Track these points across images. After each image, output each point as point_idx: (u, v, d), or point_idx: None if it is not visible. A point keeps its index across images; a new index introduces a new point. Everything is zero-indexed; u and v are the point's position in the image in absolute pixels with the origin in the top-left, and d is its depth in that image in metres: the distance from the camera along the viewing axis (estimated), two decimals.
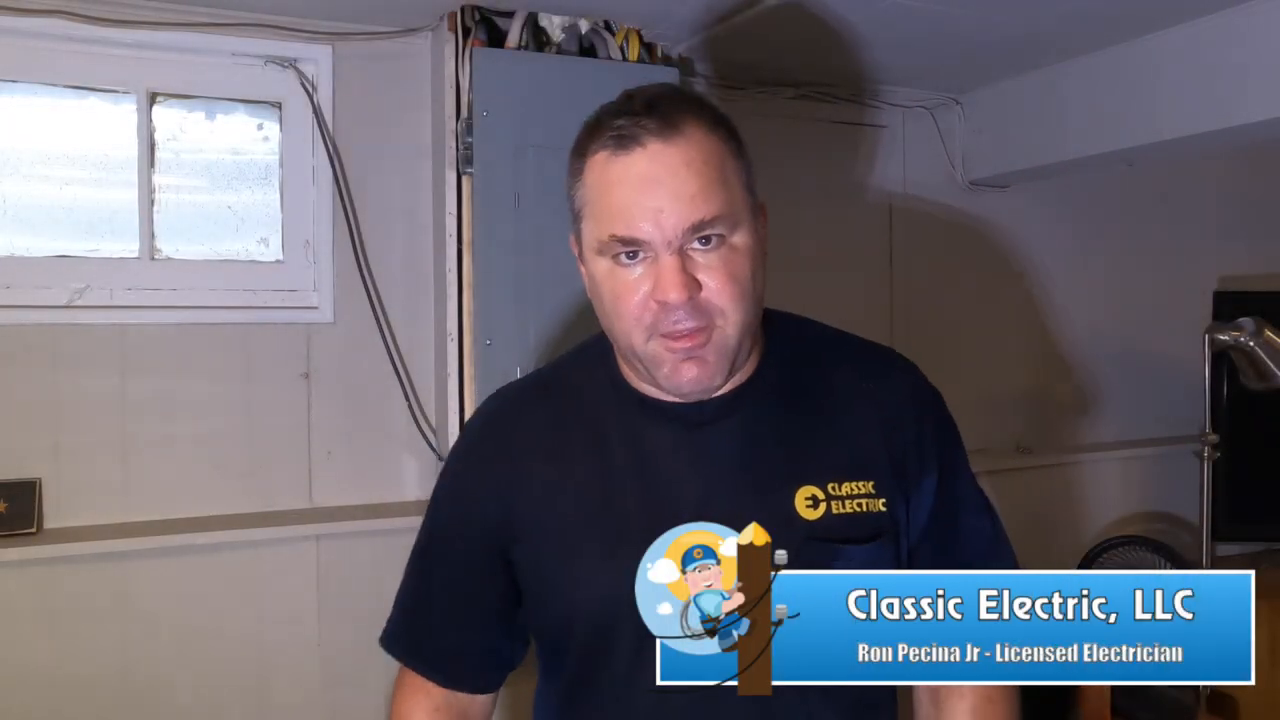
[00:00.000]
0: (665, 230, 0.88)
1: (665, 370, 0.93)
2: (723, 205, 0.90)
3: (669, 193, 0.88)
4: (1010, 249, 2.99)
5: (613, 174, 0.91)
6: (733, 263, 0.91)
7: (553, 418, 1.03)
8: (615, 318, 0.93)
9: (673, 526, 0.95)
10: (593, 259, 0.95)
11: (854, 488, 0.98)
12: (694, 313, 0.89)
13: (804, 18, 2.17)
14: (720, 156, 0.92)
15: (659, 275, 0.89)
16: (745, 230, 0.93)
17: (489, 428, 1.07)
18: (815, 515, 0.96)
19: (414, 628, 1.09)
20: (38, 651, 1.95)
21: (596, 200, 0.93)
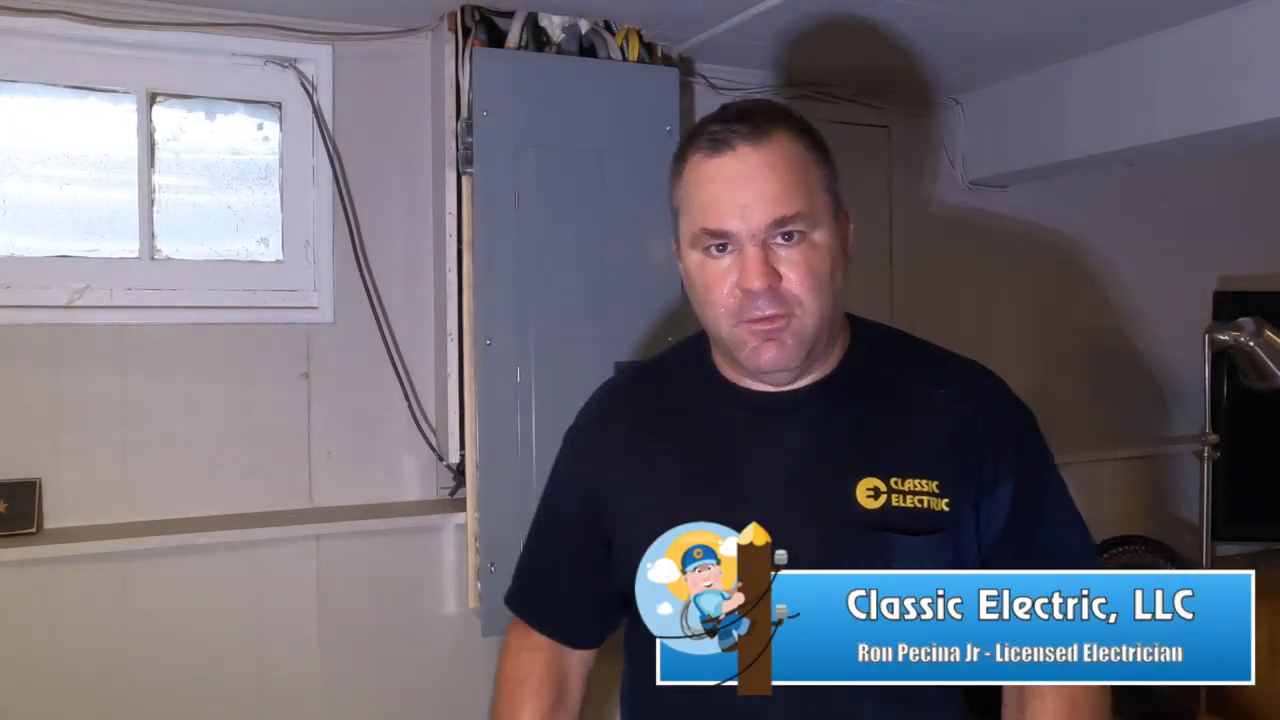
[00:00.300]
0: (750, 224, 0.97)
1: (746, 352, 1.01)
2: (803, 204, 0.98)
3: (754, 191, 0.97)
4: (1010, 249, 2.99)
5: (705, 174, 1.00)
6: (812, 258, 0.99)
7: (648, 402, 1.15)
8: (706, 305, 1.02)
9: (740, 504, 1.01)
10: (687, 252, 1.04)
11: (917, 484, 1.01)
12: (774, 301, 0.98)
13: (804, 18, 2.17)
14: (804, 161, 1.00)
15: (744, 265, 0.98)
16: (825, 230, 1.01)
17: (597, 409, 1.19)
18: (875, 505, 1.01)
19: (529, 586, 1.21)
20: (38, 651, 1.95)
21: (691, 198, 1.02)
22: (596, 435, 1.17)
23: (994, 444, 1.05)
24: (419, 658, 2.24)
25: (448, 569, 2.26)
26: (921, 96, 2.81)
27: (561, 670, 1.18)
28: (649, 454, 1.10)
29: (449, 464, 2.22)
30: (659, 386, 1.16)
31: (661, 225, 2.33)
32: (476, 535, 2.10)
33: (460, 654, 2.25)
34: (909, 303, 2.84)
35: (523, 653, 1.18)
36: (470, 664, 2.26)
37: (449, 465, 2.23)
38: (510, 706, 1.16)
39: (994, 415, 1.07)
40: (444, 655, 2.26)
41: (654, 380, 1.18)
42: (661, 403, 1.13)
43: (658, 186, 2.25)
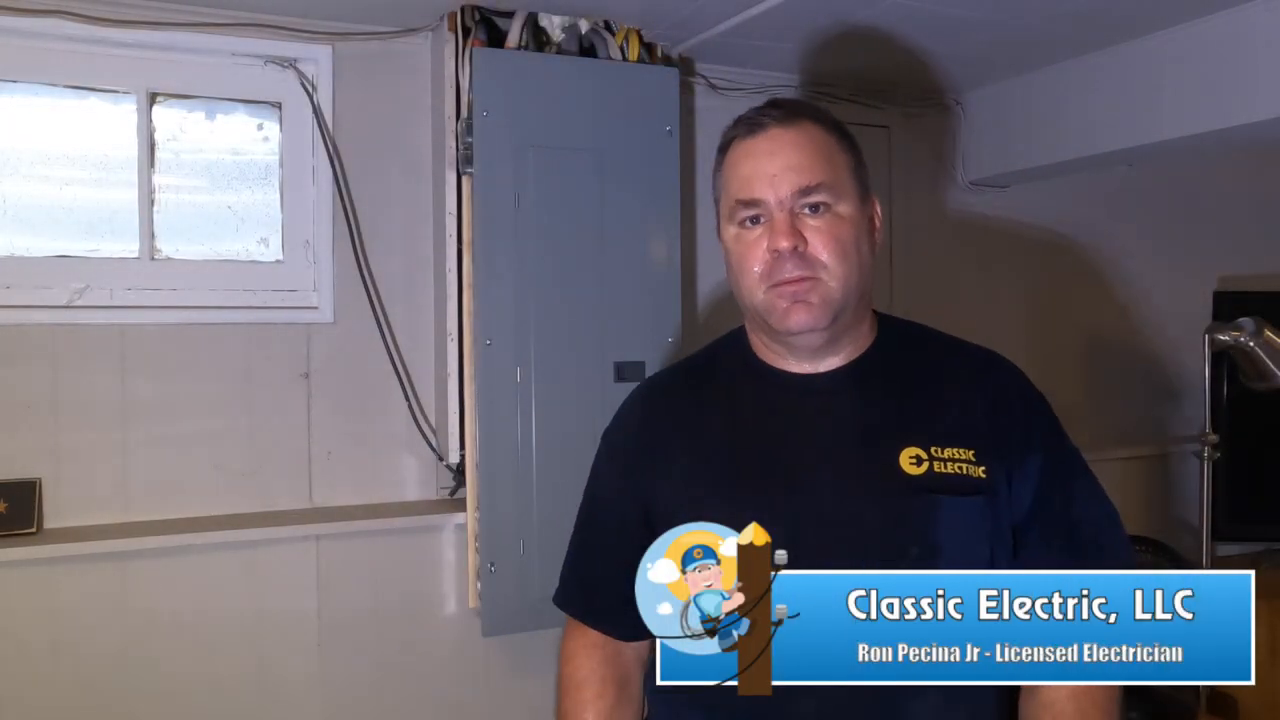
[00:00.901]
0: (779, 192, 1.06)
1: (777, 315, 1.07)
2: (826, 176, 1.07)
3: (782, 162, 1.07)
4: (1010, 249, 2.99)
5: (740, 153, 1.10)
6: (836, 227, 1.07)
7: (692, 389, 1.20)
8: (740, 273, 1.09)
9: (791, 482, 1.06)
10: (725, 229, 1.12)
11: (956, 453, 1.07)
12: (801, 263, 1.05)
13: (804, 18, 2.17)
14: (829, 144, 1.10)
15: (772, 229, 1.06)
16: (849, 205, 1.10)
17: (640, 402, 1.23)
18: (918, 471, 1.06)
19: (580, 584, 1.23)
20: (38, 651, 1.95)
21: (728, 178, 1.11)
22: (639, 430, 1.19)
23: (1022, 421, 1.12)
24: (419, 657, 2.24)
25: (448, 569, 2.26)
26: (921, 96, 2.81)
27: (621, 665, 1.20)
28: (695, 442, 1.13)
29: (449, 464, 2.22)
30: (699, 380, 1.21)
31: (661, 224, 2.34)
32: (476, 535, 2.10)
33: (460, 654, 2.25)
34: (909, 302, 2.84)
35: (580, 653, 1.20)
36: (470, 664, 2.26)
37: (449, 465, 2.23)
38: (575, 708, 1.18)
39: (1019, 394, 1.15)
40: (444, 655, 2.26)
41: (695, 373, 1.23)
42: (705, 393, 1.18)
43: (658, 186, 2.27)
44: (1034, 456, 1.10)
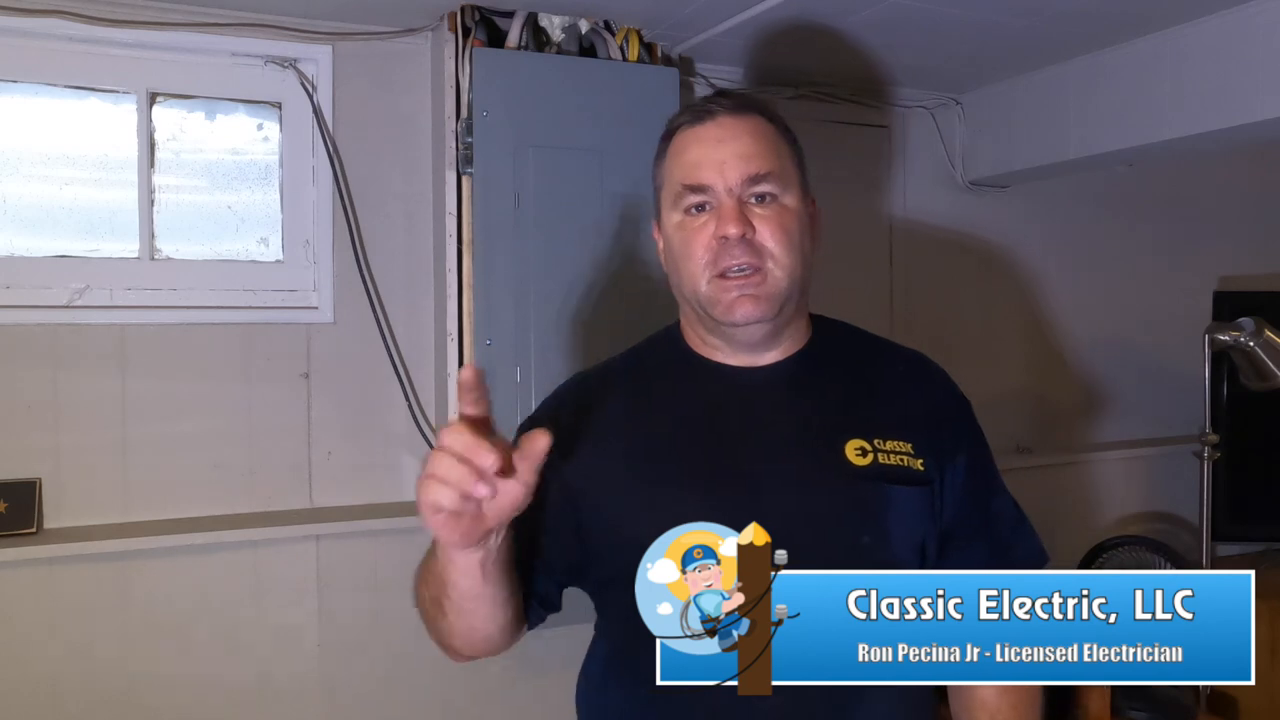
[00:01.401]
0: (727, 178, 1.06)
1: (721, 307, 1.06)
2: (775, 165, 1.07)
3: (732, 150, 1.06)
4: (1010, 249, 2.99)
5: (688, 140, 1.10)
6: (783, 216, 1.07)
7: (629, 384, 1.17)
8: (684, 261, 1.08)
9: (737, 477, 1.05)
10: (668, 216, 1.11)
11: (897, 445, 1.09)
12: (748, 251, 1.04)
13: (803, 18, 2.17)
14: (777, 137, 1.10)
15: (720, 215, 1.05)
16: (794, 197, 1.10)
17: (567, 393, 1.21)
18: (864, 462, 1.07)
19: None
20: (38, 651, 1.95)
21: (673, 165, 1.10)
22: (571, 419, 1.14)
23: (952, 418, 1.16)
24: (419, 658, 2.24)
25: None
26: (921, 96, 2.81)
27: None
28: (633, 438, 1.11)
29: None
30: (635, 374, 1.18)
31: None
32: None
33: None
34: (909, 302, 2.84)
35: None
36: (470, 664, 2.25)
37: None
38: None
39: (949, 396, 1.18)
40: (444, 655, 2.25)
41: (628, 369, 1.20)
42: (641, 388, 1.16)
43: None
44: (962, 455, 1.13)
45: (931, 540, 1.11)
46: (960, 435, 1.15)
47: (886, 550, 1.05)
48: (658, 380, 1.16)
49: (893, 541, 1.06)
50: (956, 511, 1.12)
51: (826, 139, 2.73)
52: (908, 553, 1.08)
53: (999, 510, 1.17)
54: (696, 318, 1.12)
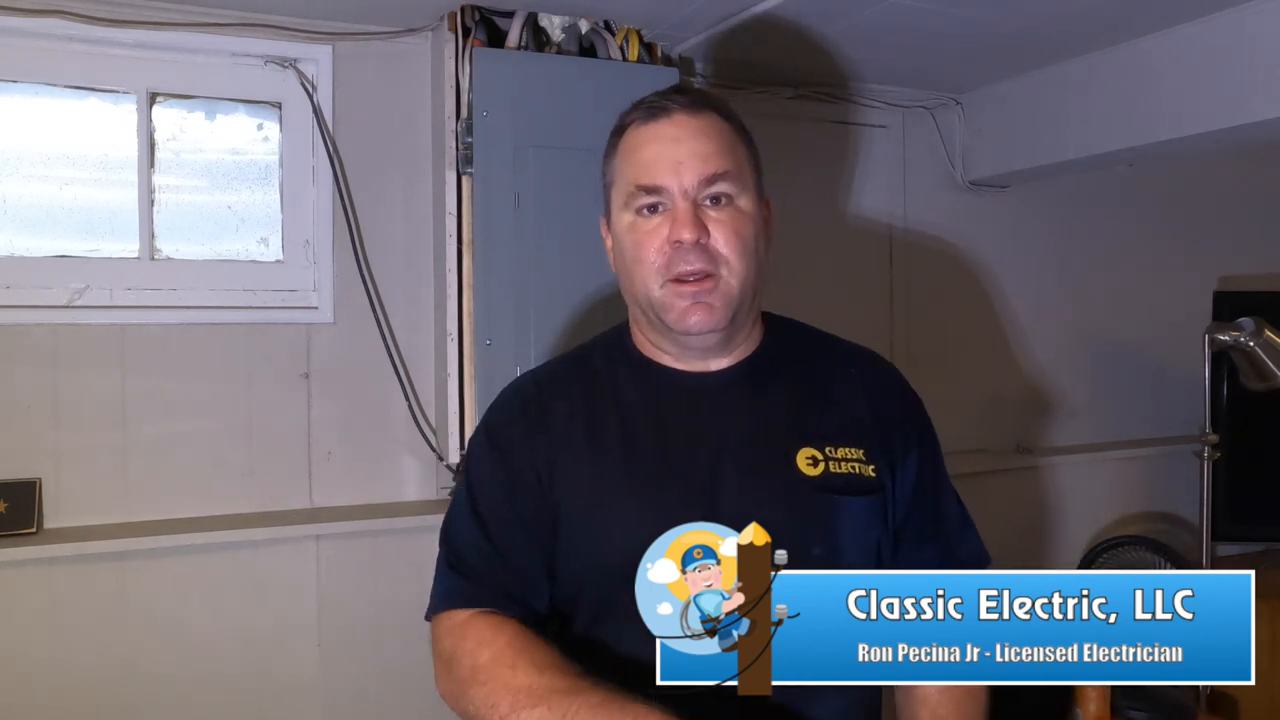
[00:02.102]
0: (683, 180, 1.03)
1: (674, 314, 1.04)
2: (732, 166, 1.05)
3: (688, 150, 1.03)
4: (1010, 249, 2.99)
5: (642, 138, 1.06)
6: (738, 221, 1.04)
7: (577, 387, 1.13)
8: (636, 264, 1.05)
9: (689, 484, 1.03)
10: (618, 216, 1.08)
11: (848, 453, 1.08)
12: (702, 256, 1.02)
13: (804, 18, 2.17)
14: (733, 137, 1.07)
15: (674, 218, 1.02)
16: (750, 199, 1.07)
17: (520, 395, 1.15)
18: (815, 473, 1.06)
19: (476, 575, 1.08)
20: (38, 651, 1.95)
21: (625, 163, 1.07)
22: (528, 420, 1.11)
23: (902, 420, 1.15)
24: (419, 658, 2.23)
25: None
26: (921, 96, 2.81)
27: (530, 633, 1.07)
28: (587, 445, 1.08)
29: (449, 464, 2.22)
30: (585, 377, 1.14)
31: None
32: None
33: None
34: (908, 303, 2.84)
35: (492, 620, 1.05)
36: None
37: (449, 465, 2.22)
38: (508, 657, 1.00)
39: (899, 395, 1.17)
40: None
41: (578, 372, 1.15)
42: (592, 392, 1.11)
43: None
44: (912, 455, 1.13)
45: (886, 543, 1.11)
46: (910, 436, 1.14)
47: (838, 562, 1.04)
48: (607, 386, 1.12)
49: (843, 553, 1.05)
50: (907, 513, 1.12)
51: (826, 139, 2.73)
52: (860, 563, 1.07)
53: (946, 510, 1.17)
54: (647, 322, 1.10)
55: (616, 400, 1.10)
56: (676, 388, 1.10)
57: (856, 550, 1.06)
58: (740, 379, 1.10)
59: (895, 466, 1.11)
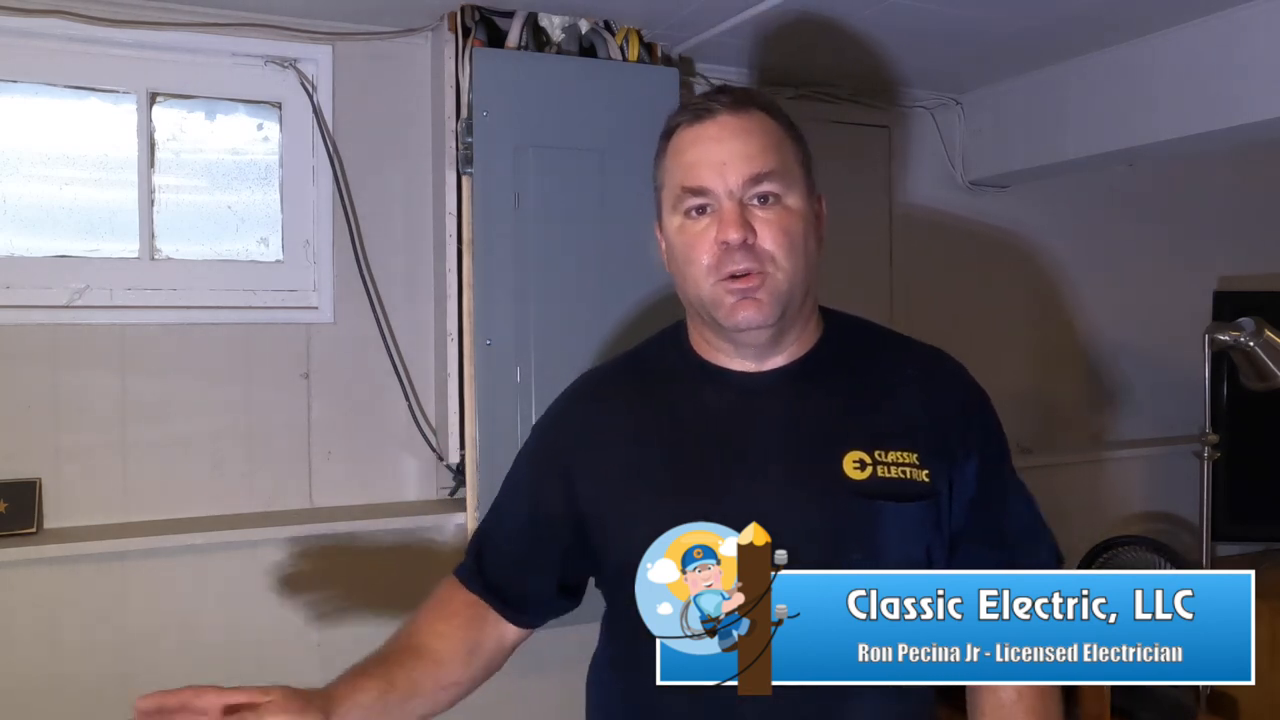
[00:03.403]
0: (728, 181, 1.03)
1: (724, 310, 1.04)
2: (777, 165, 1.04)
3: (732, 150, 1.03)
4: (1010, 249, 2.99)
5: (687, 140, 1.07)
6: (785, 219, 1.04)
7: (632, 386, 1.16)
8: (686, 264, 1.06)
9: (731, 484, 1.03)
10: (669, 219, 1.09)
11: (899, 456, 1.05)
12: (750, 256, 1.02)
13: (804, 18, 2.17)
14: (779, 134, 1.07)
15: (721, 219, 1.03)
16: (798, 196, 1.06)
17: (572, 398, 1.19)
18: (862, 476, 1.04)
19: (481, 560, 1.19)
20: (37, 651, 1.95)
21: (673, 165, 1.08)
22: (572, 427, 1.16)
23: (962, 422, 1.11)
24: None
25: (448, 569, 2.25)
26: (921, 96, 2.81)
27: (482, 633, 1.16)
28: (633, 442, 1.10)
29: (449, 464, 2.22)
30: (638, 376, 1.17)
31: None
32: None
33: None
34: (909, 302, 2.84)
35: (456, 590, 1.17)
36: None
37: (449, 465, 2.23)
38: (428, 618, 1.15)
39: (961, 395, 1.14)
40: None
41: (632, 370, 1.19)
42: (643, 390, 1.14)
43: None
44: (973, 459, 1.10)
45: (939, 549, 1.08)
46: (970, 440, 1.10)
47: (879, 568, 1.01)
48: (658, 385, 1.14)
49: (885, 558, 1.03)
50: (965, 518, 1.09)
51: (826, 139, 2.73)
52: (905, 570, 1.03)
53: (1011, 517, 1.13)
54: (702, 321, 1.10)
55: (667, 400, 1.12)
56: (727, 388, 1.10)
57: (900, 556, 1.04)
58: (791, 379, 1.10)
59: (953, 470, 1.08)
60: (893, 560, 1.03)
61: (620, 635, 1.13)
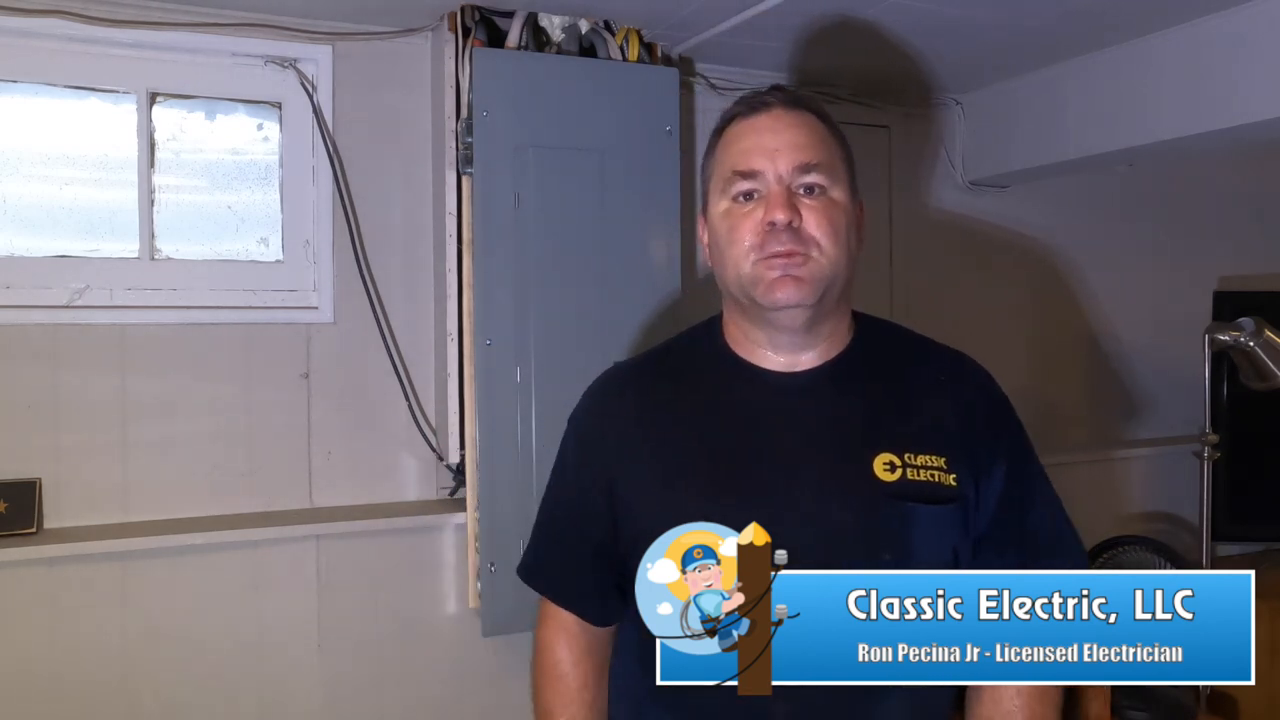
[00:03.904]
0: (778, 166, 1.06)
1: (763, 287, 1.05)
2: (825, 157, 1.08)
3: (784, 140, 1.07)
4: (1010, 249, 2.99)
5: (741, 130, 1.10)
6: (831, 210, 1.07)
7: (665, 380, 1.17)
8: (730, 246, 1.08)
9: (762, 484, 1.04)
10: (715, 204, 1.11)
11: (928, 460, 1.07)
12: (794, 238, 1.04)
13: (804, 18, 2.17)
14: (827, 134, 1.11)
15: (769, 202, 1.05)
16: (843, 192, 1.10)
17: (611, 390, 1.20)
18: (892, 478, 1.05)
19: (551, 566, 1.23)
20: (37, 651, 1.95)
21: (724, 154, 1.11)
22: (606, 420, 1.17)
23: (990, 428, 1.13)
24: (419, 658, 2.24)
25: (448, 569, 2.26)
26: (921, 96, 2.81)
27: (599, 653, 1.21)
28: (666, 437, 1.11)
29: (449, 464, 2.22)
30: (671, 370, 1.18)
31: (661, 225, 2.34)
32: (476, 535, 2.10)
33: (460, 654, 2.25)
34: (909, 302, 2.84)
35: (559, 642, 1.20)
36: (470, 664, 2.26)
37: (449, 465, 2.23)
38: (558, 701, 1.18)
39: (988, 401, 1.16)
40: (444, 655, 2.26)
41: (664, 364, 1.20)
42: (678, 384, 1.15)
43: (658, 186, 2.26)
44: (999, 466, 1.11)
45: (965, 552, 1.09)
46: (997, 445, 1.12)
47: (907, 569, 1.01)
48: (695, 378, 1.15)
49: (915, 560, 1.03)
50: (990, 522, 1.10)
51: None
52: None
53: (1036, 523, 1.14)
54: (739, 308, 1.12)
55: (699, 396, 1.13)
56: (759, 388, 1.11)
57: (929, 557, 1.04)
58: (823, 380, 1.11)
59: (980, 477, 1.09)
60: (921, 561, 1.04)
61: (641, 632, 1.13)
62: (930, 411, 1.10)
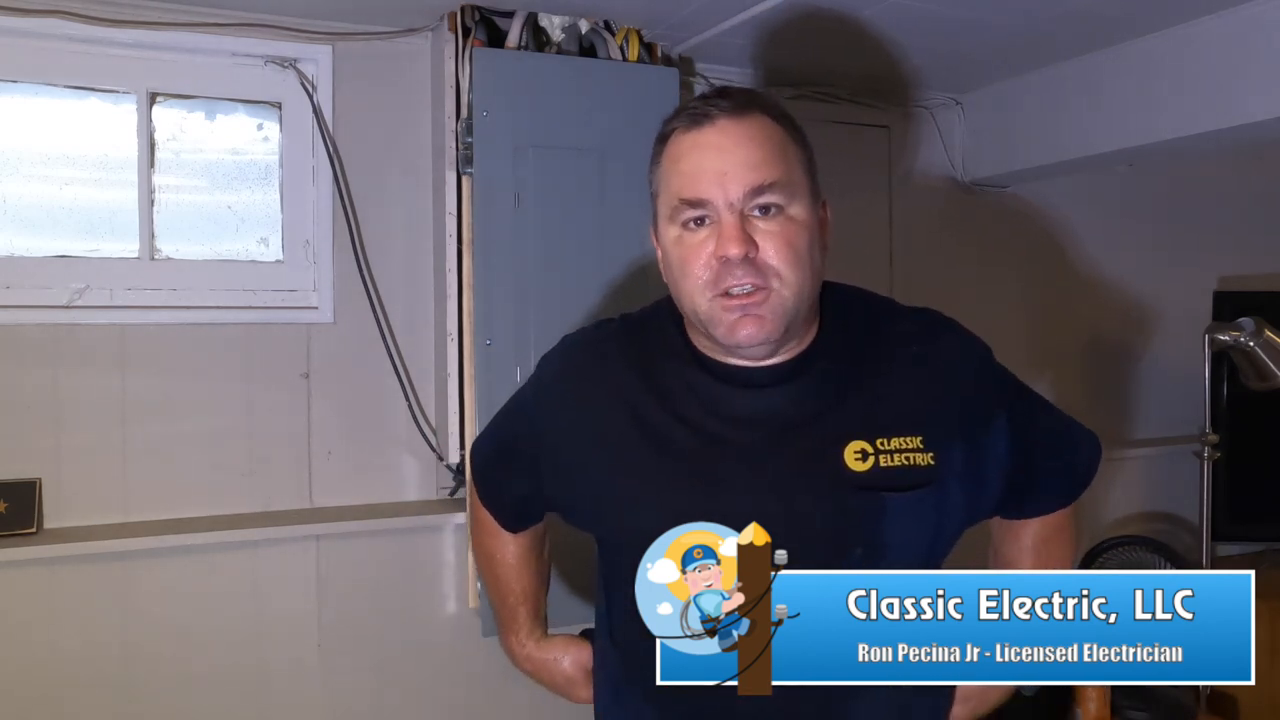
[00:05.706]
0: (728, 192, 0.98)
1: (723, 329, 0.99)
2: (781, 174, 0.99)
3: (733, 159, 0.98)
4: (1010, 249, 2.99)
5: (684, 146, 1.02)
6: (789, 231, 0.99)
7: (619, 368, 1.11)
8: (683, 279, 1.01)
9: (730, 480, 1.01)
10: (665, 229, 1.05)
11: (902, 442, 1.02)
12: (751, 271, 0.97)
13: (804, 18, 2.17)
14: (782, 138, 1.02)
15: (720, 233, 0.97)
16: (802, 205, 1.01)
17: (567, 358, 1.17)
18: (864, 468, 1.01)
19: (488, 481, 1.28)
20: (37, 651, 1.95)
21: (669, 172, 1.03)
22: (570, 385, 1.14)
23: (972, 388, 1.09)
24: (419, 658, 2.24)
25: (448, 569, 2.26)
26: (921, 96, 2.81)
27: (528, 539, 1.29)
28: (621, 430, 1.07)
29: (449, 464, 2.22)
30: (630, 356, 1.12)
31: None
32: None
33: (460, 654, 2.25)
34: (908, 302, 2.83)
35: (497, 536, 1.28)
36: (470, 664, 2.26)
37: (449, 465, 2.23)
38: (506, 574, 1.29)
39: (964, 360, 1.12)
40: (444, 655, 2.26)
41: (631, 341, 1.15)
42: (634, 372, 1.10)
43: None
44: (998, 419, 1.09)
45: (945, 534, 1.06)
46: (988, 400, 1.09)
47: (881, 561, 1.00)
48: (653, 368, 1.09)
49: (888, 553, 1.01)
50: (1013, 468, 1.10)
51: (826, 139, 2.73)
52: (906, 563, 1.02)
53: (1050, 442, 1.15)
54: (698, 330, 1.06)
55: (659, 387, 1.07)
56: (724, 379, 1.06)
57: (904, 549, 1.02)
58: (792, 372, 1.05)
59: (978, 435, 1.06)
60: (896, 553, 1.01)
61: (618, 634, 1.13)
62: (903, 388, 1.05)
